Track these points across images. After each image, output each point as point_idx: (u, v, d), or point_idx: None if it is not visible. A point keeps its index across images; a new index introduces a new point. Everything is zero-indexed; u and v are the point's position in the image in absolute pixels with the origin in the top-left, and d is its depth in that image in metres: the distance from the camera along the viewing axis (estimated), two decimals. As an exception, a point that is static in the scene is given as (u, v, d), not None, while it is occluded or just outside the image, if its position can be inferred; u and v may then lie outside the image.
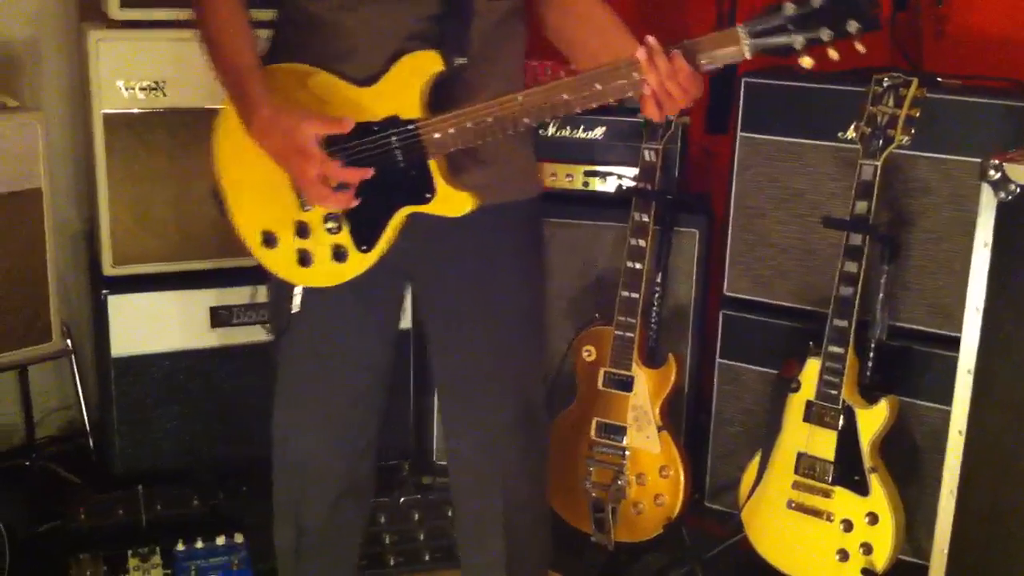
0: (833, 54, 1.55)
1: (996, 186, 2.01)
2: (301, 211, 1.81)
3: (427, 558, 2.59)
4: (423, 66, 1.71)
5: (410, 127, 1.72)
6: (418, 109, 1.72)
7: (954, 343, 2.11)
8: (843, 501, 2.34)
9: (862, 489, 2.32)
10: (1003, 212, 2.01)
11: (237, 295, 2.74)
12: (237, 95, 1.75)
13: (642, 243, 2.53)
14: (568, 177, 2.77)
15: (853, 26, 1.50)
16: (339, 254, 1.81)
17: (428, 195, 1.75)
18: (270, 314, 2.03)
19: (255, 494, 2.70)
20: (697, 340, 2.75)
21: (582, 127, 2.75)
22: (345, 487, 2.05)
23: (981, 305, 2.05)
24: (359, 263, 1.81)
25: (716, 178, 2.84)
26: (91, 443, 2.92)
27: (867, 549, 2.32)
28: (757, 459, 2.46)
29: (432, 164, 1.74)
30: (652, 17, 3.10)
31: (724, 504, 2.68)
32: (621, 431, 2.57)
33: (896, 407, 2.34)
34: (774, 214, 2.60)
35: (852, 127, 2.37)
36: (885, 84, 2.27)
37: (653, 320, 2.63)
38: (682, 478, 2.54)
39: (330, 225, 1.80)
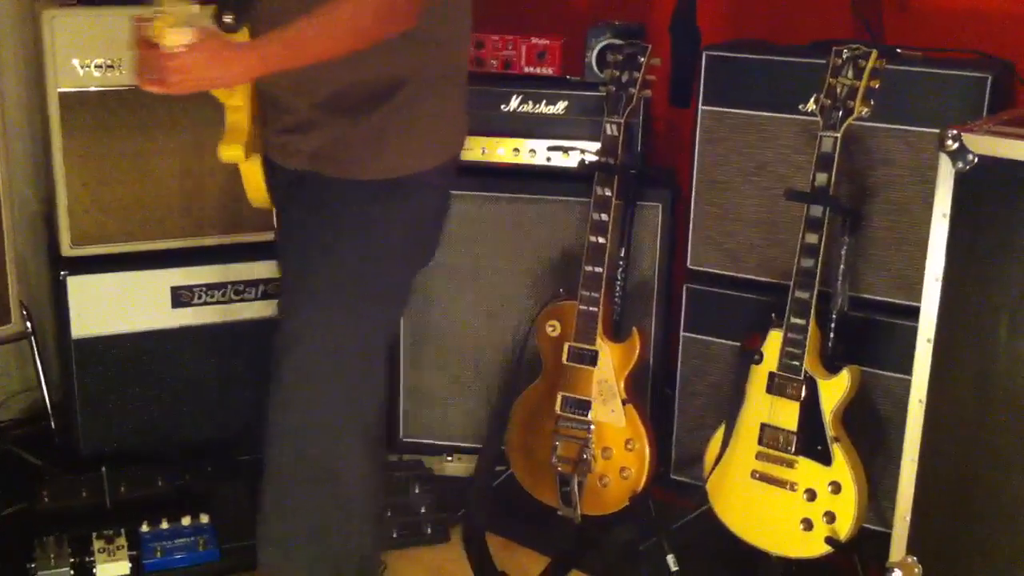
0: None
1: (954, 156, 2.02)
2: None
3: (394, 535, 2.59)
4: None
5: None
6: None
7: (916, 313, 2.12)
8: (806, 471, 2.36)
9: (825, 459, 2.34)
10: (961, 182, 2.03)
11: (198, 275, 2.73)
12: None
13: (605, 217, 2.53)
14: (531, 152, 2.77)
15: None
16: None
17: None
18: None
19: (220, 474, 2.70)
20: (662, 314, 2.76)
21: (544, 102, 2.74)
22: None
23: (940, 275, 2.07)
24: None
25: (680, 152, 2.84)
26: (53, 425, 2.90)
27: (831, 518, 2.34)
28: (721, 431, 2.47)
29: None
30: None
31: (690, 476, 2.69)
32: (586, 405, 2.57)
33: (857, 377, 2.36)
34: (737, 187, 2.60)
35: (812, 99, 2.37)
36: (844, 56, 2.28)
37: (617, 294, 2.64)
38: (647, 451, 2.55)
39: None
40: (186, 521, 2.51)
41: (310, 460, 1.94)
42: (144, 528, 2.47)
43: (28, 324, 2.82)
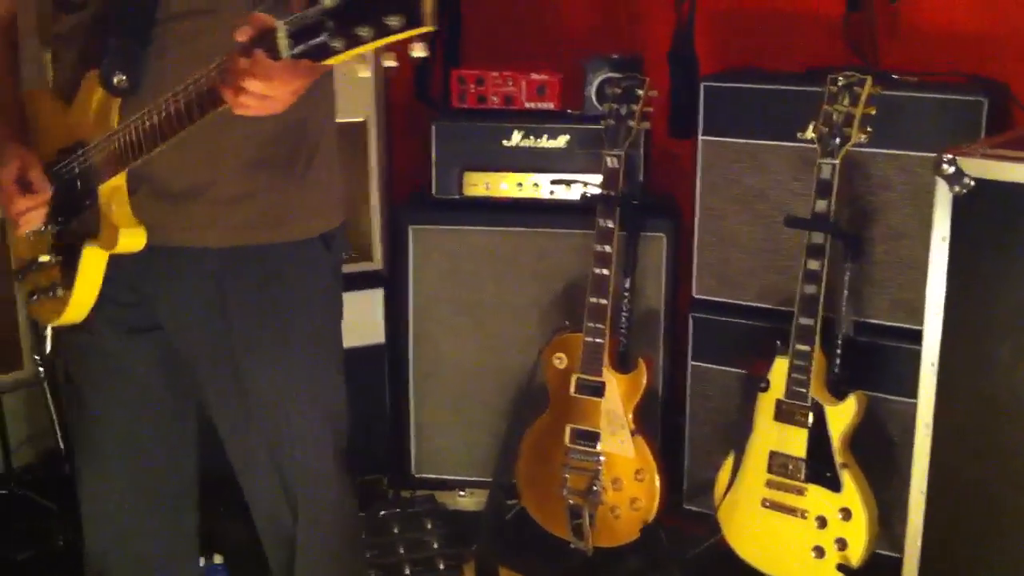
0: (389, 61, 1.32)
1: (951, 180, 2.03)
2: (38, 244, 1.71)
3: (408, 572, 2.60)
4: (92, 86, 1.60)
5: (81, 152, 1.61)
6: (94, 131, 1.60)
7: (920, 337, 2.12)
8: (816, 498, 2.36)
9: (834, 485, 2.34)
10: (959, 206, 2.04)
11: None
12: None
13: (608, 249, 2.54)
14: (534, 186, 2.79)
15: (396, 21, 1.23)
16: (52, 289, 1.70)
17: (96, 230, 1.61)
18: None
19: (233, 513, 2.70)
20: (669, 343, 2.77)
21: (546, 136, 2.77)
22: (161, 545, 1.92)
23: (941, 299, 2.08)
24: (67, 302, 1.66)
25: (683, 181, 2.87)
26: (68, 469, 2.91)
27: (842, 545, 2.34)
28: (731, 459, 2.47)
29: (101, 192, 1.60)
30: (611, 19, 3.14)
31: (702, 505, 2.69)
32: (595, 437, 2.58)
33: (864, 402, 2.36)
34: (739, 215, 2.62)
35: (810, 127, 2.39)
36: (840, 83, 2.29)
37: (623, 325, 2.65)
38: (657, 481, 2.56)
39: (52, 259, 1.69)
40: (200, 562, 2.51)
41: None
42: (158, 571, 2.48)
43: (40, 369, 2.84)
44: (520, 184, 2.80)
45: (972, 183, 2.02)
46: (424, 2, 1.21)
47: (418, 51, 1.28)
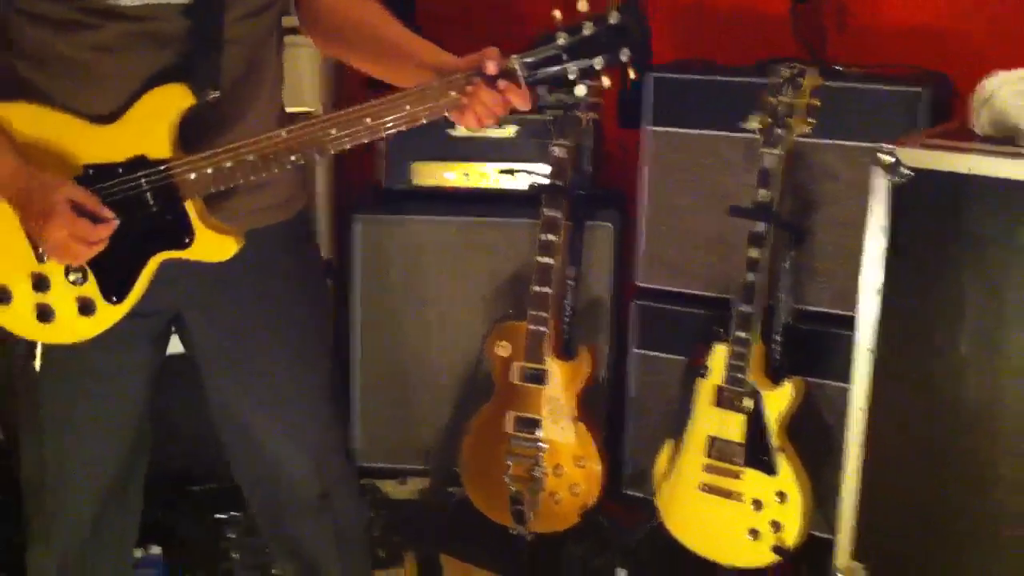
0: (606, 81, 1.60)
1: (889, 170, 2.06)
2: (37, 262, 1.65)
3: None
4: (171, 101, 1.61)
5: (161, 168, 1.61)
6: (168, 148, 1.61)
7: (858, 324, 2.15)
8: (753, 481, 2.38)
9: (770, 469, 2.36)
10: (896, 195, 2.07)
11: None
12: None
13: (552, 238, 2.55)
14: (481, 175, 2.79)
15: (625, 54, 1.57)
16: (86, 307, 1.67)
17: (187, 240, 1.65)
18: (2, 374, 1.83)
19: (170, 505, 2.68)
20: (614, 331, 2.78)
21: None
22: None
23: (879, 286, 2.10)
24: (109, 316, 1.67)
25: (631, 171, 2.87)
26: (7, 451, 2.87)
27: (777, 527, 2.36)
28: (669, 445, 2.49)
29: (189, 206, 1.64)
30: (566, 11, 3.14)
31: (643, 491, 2.69)
32: (536, 424, 2.59)
33: (801, 388, 2.38)
34: (686, 205, 2.63)
35: (754, 118, 2.40)
36: (783, 75, 2.31)
37: (567, 314, 2.65)
38: (598, 467, 2.56)
39: (73, 277, 1.66)
40: (137, 553, 2.47)
41: None
42: (94, 558, 2.45)
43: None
44: (467, 174, 2.80)
45: (910, 173, 2.05)
46: (649, 36, 1.58)
47: (633, 74, 1.60)
